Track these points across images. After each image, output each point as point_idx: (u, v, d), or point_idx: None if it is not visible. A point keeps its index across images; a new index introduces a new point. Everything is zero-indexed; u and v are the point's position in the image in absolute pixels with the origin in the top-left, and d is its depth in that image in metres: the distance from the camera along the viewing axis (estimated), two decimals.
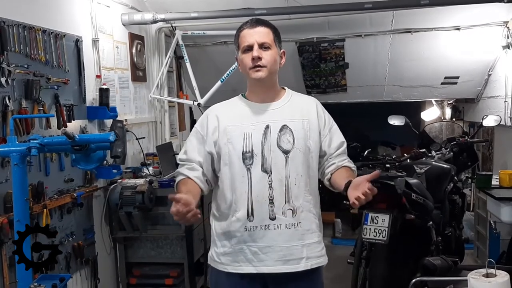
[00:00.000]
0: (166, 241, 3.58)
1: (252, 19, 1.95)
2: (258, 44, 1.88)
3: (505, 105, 4.43)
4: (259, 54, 1.87)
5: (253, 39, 1.89)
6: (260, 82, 1.91)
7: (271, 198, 1.85)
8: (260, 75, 1.88)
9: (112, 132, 2.29)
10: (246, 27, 1.92)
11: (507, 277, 1.54)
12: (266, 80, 1.91)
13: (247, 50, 1.90)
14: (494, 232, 3.95)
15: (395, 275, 3.10)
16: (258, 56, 1.87)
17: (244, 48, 1.91)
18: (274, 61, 1.90)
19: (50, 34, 2.91)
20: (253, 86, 1.97)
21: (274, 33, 1.93)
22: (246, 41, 1.90)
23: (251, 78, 1.92)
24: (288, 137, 1.89)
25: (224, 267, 1.93)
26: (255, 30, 1.90)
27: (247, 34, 1.91)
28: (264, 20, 1.96)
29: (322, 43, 4.75)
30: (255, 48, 1.87)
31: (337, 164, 1.98)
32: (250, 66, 1.89)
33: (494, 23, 4.39)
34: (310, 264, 1.91)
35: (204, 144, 1.94)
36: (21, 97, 2.66)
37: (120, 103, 3.80)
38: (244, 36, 1.92)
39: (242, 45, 1.91)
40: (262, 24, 1.93)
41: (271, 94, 1.97)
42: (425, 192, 3.41)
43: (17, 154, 2.09)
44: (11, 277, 2.44)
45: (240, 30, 1.94)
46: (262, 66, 1.88)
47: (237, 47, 1.96)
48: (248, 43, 1.89)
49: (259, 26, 1.91)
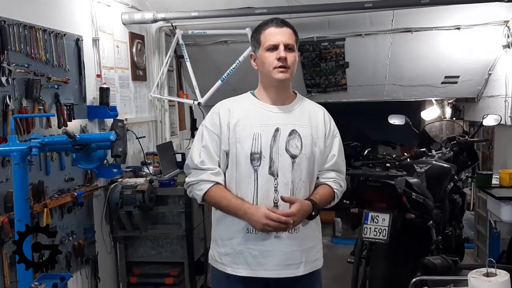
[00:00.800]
0: (166, 240, 3.58)
1: (277, 19, 1.93)
2: (284, 45, 1.86)
3: (505, 105, 4.43)
4: (286, 55, 1.85)
5: (279, 39, 1.86)
6: (280, 82, 1.90)
7: (276, 201, 1.85)
8: (284, 76, 1.87)
9: (113, 132, 2.29)
10: (272, 25, 1.90)
11: (507, 276, 1.54)
12: (286, 82, 1.91)
13: (271, 49, 1.87)
14: (494, 231, 3.96)
15: (395, 274, 3.10)
16: (285, 57, 1.85)
17: (268, 46, 1.88)
18: (295, 63, 1.90)
19: (50, 33, 2.91)
20: (268, 85, 1.94)
21: (295, 35, 1.93)
22: (272, 40, 1.87)
23: (271, 78, 1.89)
24: (296, 142, 1.88)
25: (224, 267, 1.92)
26: (281, 30, 1.88)
27: (274, 33, 1.88)
28: (288, 22, 1.94)
29: (322, 42, 4.75)
30: (281, 48, 1.85)
31: (320, 180, 1.98)
32: (275, 66, 1.86)
33: (494, 22, 4.39)
34: (308, 268, 1.92)
35: (221, 143, 1.89)
36: (22, 96, 2.66)
37: (120, 102, 3.80)
38: (269, 34, 1.88)
39: (267, 44, 1.88)
40: (287, 25, 1.91)
41: (283, 96, 1.96)
42: (425, 192, 3.41)
43: (18, 154, 2.09)
44: (11, 277, 2.44)
45: (265, 28, 1.91)
46: (287, 68, 1.87)
47: (258, 44, 1.92)
48: (274, 42, 1.87)
49: (285, 26, 1.90)
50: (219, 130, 1.89)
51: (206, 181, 1.87)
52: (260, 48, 1.90)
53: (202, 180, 1.88)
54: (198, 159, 1.89)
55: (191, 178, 1.92)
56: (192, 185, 1.92)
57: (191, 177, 1.92)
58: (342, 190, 2.02)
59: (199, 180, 1.88)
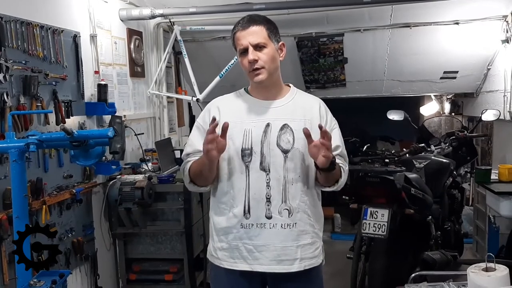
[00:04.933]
0: (165, 237, 3.58)
1: (243, 19, 1.91)
2: (252, 46, 1.84)
3: (504, 100, 4.43)
4: (254, 57, 1.84)
5: (246, 41, 1.85)
6: (261, 84, 1.89)
7: (269, 196, 1.85)
8: (260, 78, 1.86)
9: (111, 128, 2.28)
10: (238, 28, 1.88)
11: (507, 271, 1.54)
12: (266, 81, 1.89)
13: (243, 52, 1.87)
14: (493, 226, 3.96)
15: (394, 269, 3.11)
16: (254, 59, 1.84)
17: (240, 51, 1.88)
18: (271, 59, 1.87)
19: (48, 29, 2.90)
20: (255, 85, 1.95)
21: (268, 29, 1.88)
22: (241, 44, 1.87)
23: (252, 81, 1.91)
24: (288, 137, 1.87)
25: (221, 262, 1.93)
26: (247, 31, 1.86)
27: (241, 36, 1.87)
28: (255, 17, 1.91)
29: (321, 38, 4.73)
30: (250, 50, 1.84)
31: None
32: (248, 70, 1.87)
33: (493, 17, 4.38)
34: (303, 265, 1.90)
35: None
36: (19, 93, 2.65)
37: (118, 99, 3.79)
38: (238, 38, 1.88)
39: (238, 48, 1.89)
40: (254, 23, 1.87)
41: (274, 91, 1.95)
42: (424, 187, 3.42)
43: (16, 151, 2.08)
44: (10, 274, 2.44)
45: (234, 32, 1.90)
46: (261, 68, 1.85)
47: (235, 49, 1.93)
48: (242, 46, 1.86)
49: (251, 25, 1.86)
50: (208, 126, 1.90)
51: (189, 161, 1.95)
52: (237, 53, 1.92)
53: (185, 164, 1.96)
54: (187, 149, 1.98)
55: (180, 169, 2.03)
56: (182, 173, 2.00)
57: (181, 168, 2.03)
58: (347, 170, 1.98)
59: (184, 166, 1.97)
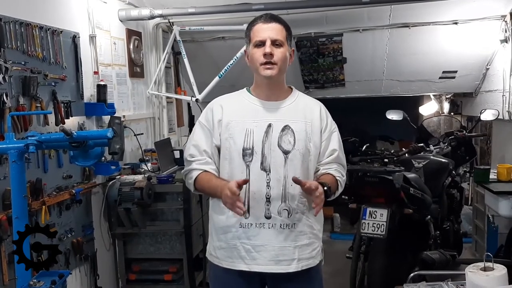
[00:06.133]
0: (165, 237, 3.59)
1: (266, 14, 1.93)
2: (271, 40, 1.85)
3: (503, 99, 4.43)
4: (272, 51, 1.84)
5: (266, 34, 1.86)
6: (269, 79, 1.90)
7: (268, 196, 1.85)
8: (270, 73, 1.87)
9: (110, 129, 2.28)
10: (260, 21, 1.89)
11: (505, 270, 1.55)
12: (275, 78, 1.89)
13: (259, 45, 1.87)
14: (492, 226, 3.96)
15: (393, 269, 3.11)
16: (271, 53, 1.84)
17: (256, 42, 1.88)
18: (285, 59, 1.89)
19: (47, 30, 2.90)
20: (260, 82, 1.95)
21: (287, 30, 1.91)
22: (259, 36, 1.87)
23: (259, 74, 1.90)
24: (289, 138, 1.88)
25: (220, 261, 1.94)
26: (269, 25, 1.87)
27: (261, 29, 1.87)
28: (278, 17, 1.93)
29: (320, 38, 4.74)
30: (268, 44, 1.85)
31: (321, 171, 1.96)
32: (261, 62, 1.86)
33: (492, 17, 4.38)
34: (301, 265, 1.91)
35: (212, 137, 1.92)
36: (19, 94, 2.65)
37: (118, 99, 3.79)
38: (257, 30, 1.88)
39: (254, 40, 1.88)
40: (276, 20, 1.90)
41: (277, 92, 1.96)
42: (423, 187, 3.42)
43: (15, 151, 2.09)
44: (10, 274, 2.44)
45: (253, 24, 1.91)
46: (273, 64, 1.86)
47: (248, 40, 1.92)
48: (261, 38, 1.86)
49: (273, 22, 1.88)
50: (211, 125, 1.93)
51: (195, 169, 1.93)
52: (250, 45, 1.91)
53: (191, 169, 1.94)
54: (188, 153, 1.97)
55: (183, 169, 2.01)
56: (185, 176, 1.99)
57: (184, 169, 2.01)
58: (344, 180, 1.99)
59: (189, 169, 1.95)
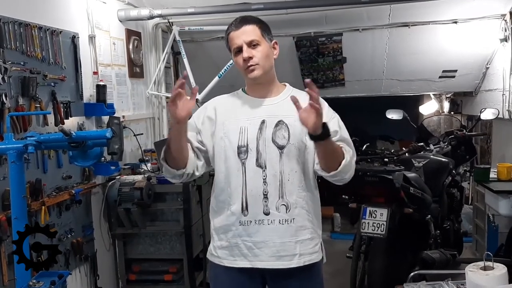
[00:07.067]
0: (165, 237, 3.58)
1: (236, 20, 1.94)
2: (246, 44, 1.87)
3: (503, 98, 4.43)
4: (249, 54, 1.87)
5: (240, 40, 1.88)
6: (257, 80, 1.92)
7: (265, 193, 1.86)
8: (255, 75, 1.89)
9: (109, 129, 2.28)
10: (231, 29, 1.92)
11: (505, 269, 1.54)
12: (262, 77, 1.91)
13: (237, 52, 1.90)
14: (493, 225, 3.96)
15: (393, 268, 3.11)
16: (249, 56, 1.87)
17: (234, 50, 1.91)
18: (265, 56, 1.90)
19: (46, 31, 2.90)
20: (250, 84, 1.98)
21: (260, 27, 1.92)
22: (235, 43, 1.90)
23: (248, 78, 1.93)
24: (283, 133, 1.88)
25: (221, 261, 1.94)
26: (240, 30, 1.90)
27: (235, 36, 1.90)
28: (247, 17, 1.95)
29: (320, 37, 4.73)
30: (244, 48, 1.87)
31: None
32: (243, 67, 1.89)
33: (491, 16, 4.38)
34: (303, 261, 1.90)
35: (194, 131, 1.91)
36: (18, 94, 2.65)
37: (117, 99, 3.79)
38: (232, 38, 1.91)
39: (232, 48, 1.92)
40: (246, 22, 1.91)
41: (270, 89, 1.97)
42: (423, 186, 3.42)
43: (14, 152, 2.09)
44: (9, 275, 2.44)
45: (228, 33, 1.94)
46: (255, 64, 1.88)
47: (229, 50, 1.96)
48: (236, 45, 1.89)
49: (244, 25, 1.90)
50: (200, 122, 1.93)
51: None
52: (232, 53, 1.94)
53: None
54: None
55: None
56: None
57: None
58: (351, 153, 1.88)
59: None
